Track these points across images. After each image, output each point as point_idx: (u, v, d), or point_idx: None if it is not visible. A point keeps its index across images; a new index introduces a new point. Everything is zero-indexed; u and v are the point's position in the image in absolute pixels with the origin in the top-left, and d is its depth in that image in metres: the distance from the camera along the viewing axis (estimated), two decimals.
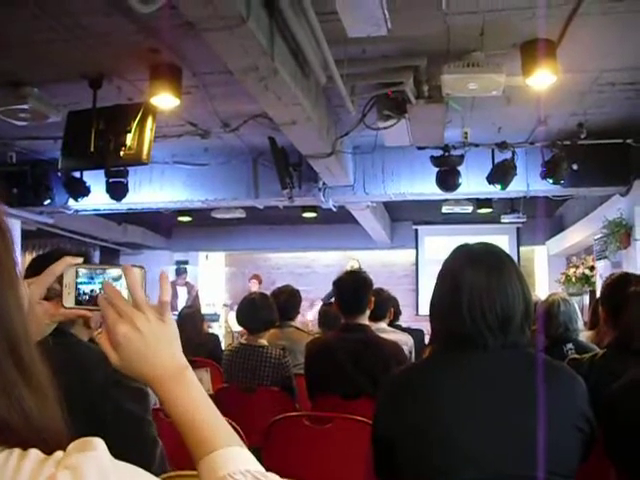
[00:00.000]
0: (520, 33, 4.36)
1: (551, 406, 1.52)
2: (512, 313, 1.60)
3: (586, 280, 9.23)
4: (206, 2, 3.06)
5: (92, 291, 1.07)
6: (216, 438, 0.92)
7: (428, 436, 1.56)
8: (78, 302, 1.07)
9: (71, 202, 7.51)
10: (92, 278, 1.08)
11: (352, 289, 3.51)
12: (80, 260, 1.10)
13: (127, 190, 7.19)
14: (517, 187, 7.14)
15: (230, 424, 0.98)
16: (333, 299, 3.80)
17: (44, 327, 1.14)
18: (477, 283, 1.61)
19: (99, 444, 0.68)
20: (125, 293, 1.00)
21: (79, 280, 1.08)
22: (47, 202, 7.30)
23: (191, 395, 0.95)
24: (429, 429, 1.56)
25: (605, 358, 2.48)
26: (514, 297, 1.61)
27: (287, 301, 4.83)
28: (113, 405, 1.75)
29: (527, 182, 7.25)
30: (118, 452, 0.70)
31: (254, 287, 11.14)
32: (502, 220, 9.98)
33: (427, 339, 5.15)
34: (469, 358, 1.62)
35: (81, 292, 1.07)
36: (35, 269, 1.15)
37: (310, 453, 2.85)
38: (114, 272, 1.07)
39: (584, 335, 3.86)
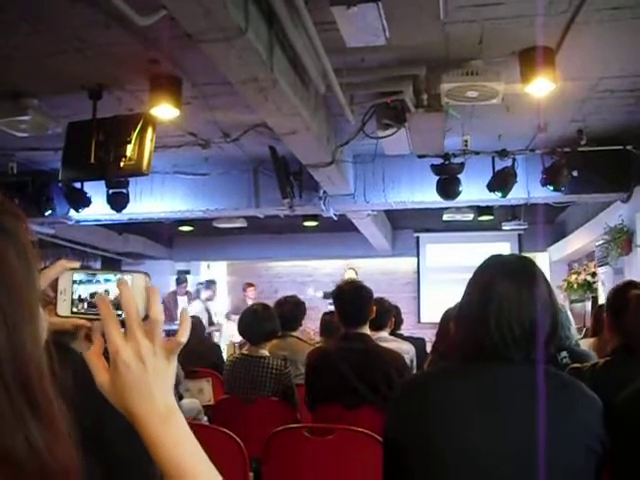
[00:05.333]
0: (519, 41, 4.36)
1: (566, 426, 1.50)
2: (539, 328, 1.57)
3: (588, 287, 9.19)
4: (204, 14, 3.06)
5: (92, 298, 0.95)
6: None
7: (442, 445, 1.53)
8: (74, 311, 0.96)
9: (72, 213, 7.51)
10: (92, 284, 0.96)
11: (353, 299, 3.49)
12: (77, 264, 0.99)
13: (128, 200, 7.21)
14: (518, 194, 7.13)
15: (230, 435, 0.96)
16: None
17: None
18: (508, 295, 1.58)
19: None
20: (140, 305, 0.89)
21: (76, 286, 0.96)
22: (48, 213, 7.30)
23: (178, 440, 0.86)
24: (444, 438, 1.53)
25: (608, 365, 2.46)
26: (543, 312, 1.58)
27: (291, 311, 4.81)
28: (114, 420, 1.73)
29: (527, 189, 7.24)
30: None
31: (251, 294, 11.08)
32: (503, 227, 9.94)
33: (429, 348, 5.14)
34: (491, 370, 1.59)
35: (78, 299, 0.96)
36: None
37: (311, 465, 2.83)
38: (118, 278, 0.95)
39: (586, 342, 3.85)
